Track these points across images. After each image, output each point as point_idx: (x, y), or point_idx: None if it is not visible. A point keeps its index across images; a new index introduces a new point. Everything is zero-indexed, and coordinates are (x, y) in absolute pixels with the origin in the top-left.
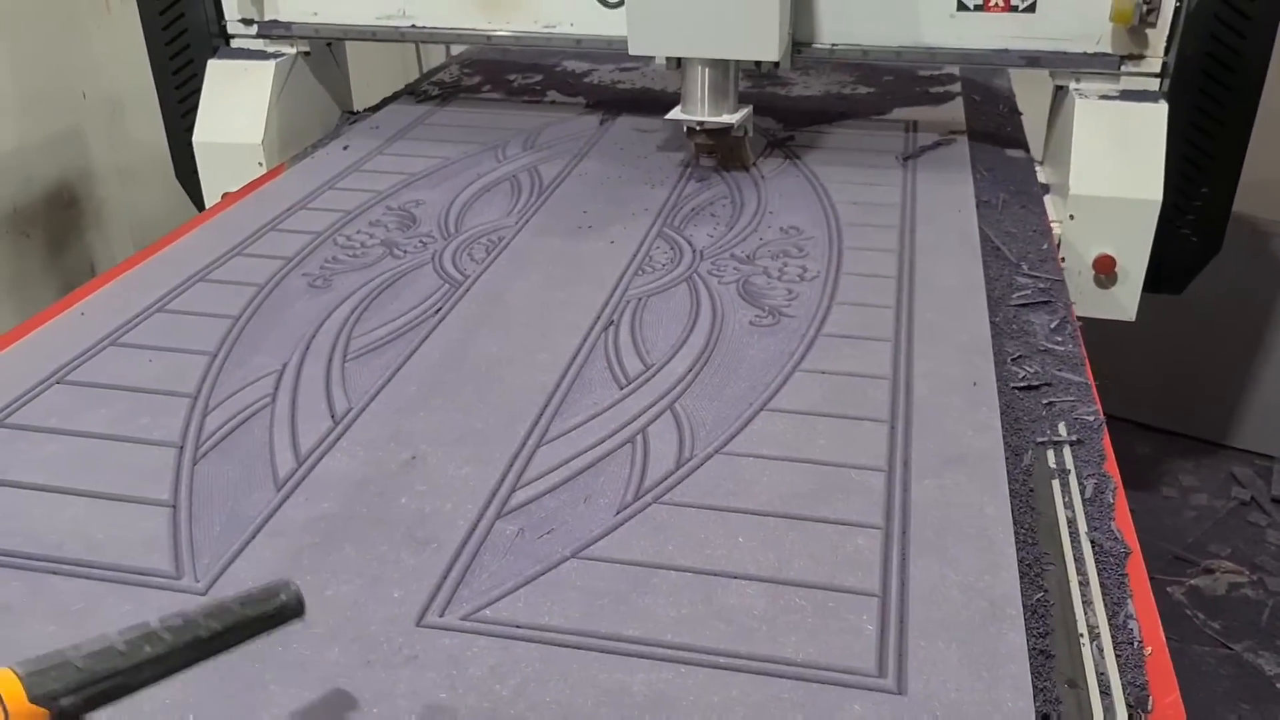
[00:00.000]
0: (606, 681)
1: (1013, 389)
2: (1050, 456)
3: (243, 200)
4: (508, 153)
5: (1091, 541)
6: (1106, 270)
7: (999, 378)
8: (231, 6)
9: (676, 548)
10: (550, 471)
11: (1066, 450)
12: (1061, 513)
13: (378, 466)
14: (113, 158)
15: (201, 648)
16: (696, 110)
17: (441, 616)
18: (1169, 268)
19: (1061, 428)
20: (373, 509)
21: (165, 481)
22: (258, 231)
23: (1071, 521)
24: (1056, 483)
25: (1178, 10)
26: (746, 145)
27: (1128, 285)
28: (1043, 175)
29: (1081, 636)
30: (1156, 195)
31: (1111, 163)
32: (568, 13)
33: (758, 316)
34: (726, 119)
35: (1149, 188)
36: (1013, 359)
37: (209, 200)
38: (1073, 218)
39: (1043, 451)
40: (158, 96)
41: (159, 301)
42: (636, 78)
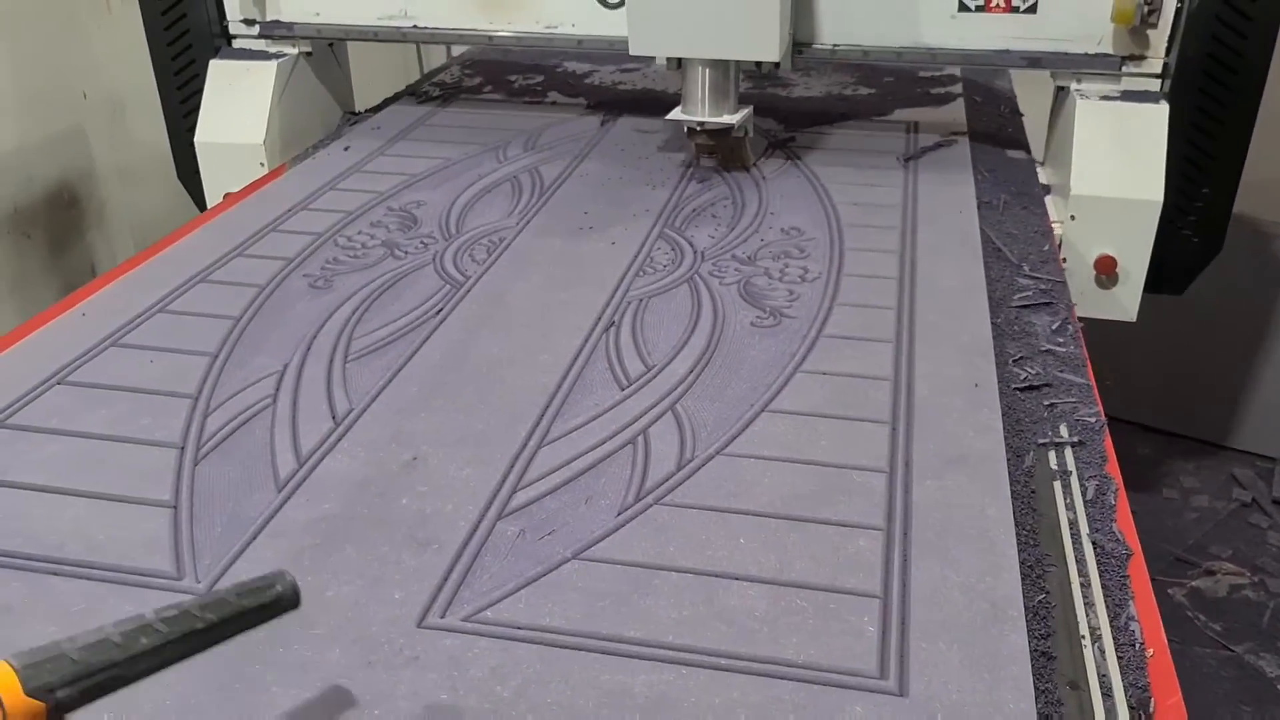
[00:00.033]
0: (608, 683)
1: (1014, 390)
2: (1052, 458)
3: (243, 201)
4: (509, 154)
5: (1093, 543)
6: (1107, 271)
7: (1000, 379)
8: (233, 7)
9: (678, 549)
10: (551, 472)
11: (1068, 452)
12: (1063, 514)
13: (379, 467)
14: (113, 158)
15: (198, 639)
16: (697, 111)
17: (443, 618)
18: (1170, 268)
19: (1063, 429)
20: (374, 510)
21: (166, 482)
22: (259, 232)
23: (1073, 523)
24: (1058, 484)
25: (1179, 11)
26: (747, 146)
27: (1129, 286)
28: (1044, 176)
29: (1083, 638)
30: (1157, 196)
31: (1112, 163)
32: (569, 13)
33: (759, 317)
34: (727, 119)
35: (1150, 188)
36: (1014, 360)
37: (211, 200)
38: (1074, 218)
39: (1044, 453)
40: (159, 96)
41: (160, 302)
42: (637, 78)
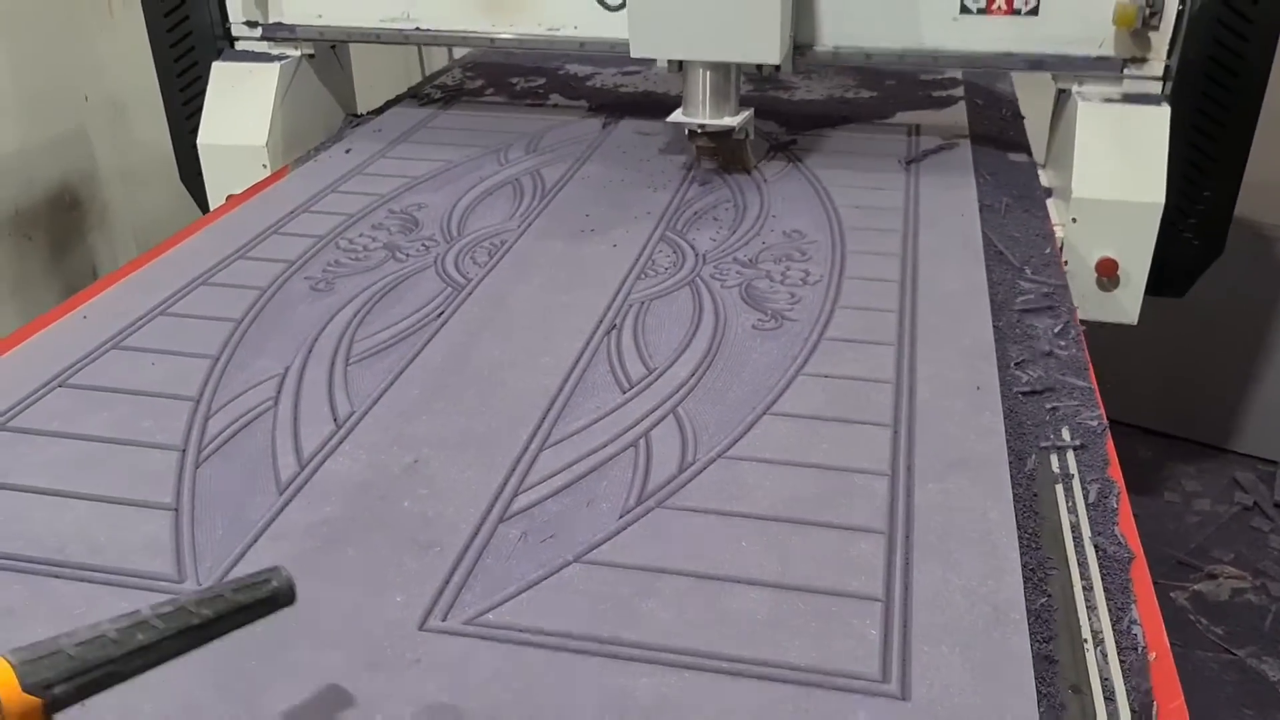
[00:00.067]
0: (609, 686)
1: (1016, 393)
2: (1054, 461)
3: (245, 204)
4: (510, 156)
5: (1095, 546)
6: (1109, 273)
7: (1002, 382)
8: (236, 9)
9: (679, 552)
10: (553, 475)
11: (1070, 455)
12: (1065, 517)
13: (380, 470)
14: (115, 160)
15: (194, 635)
16: (698, 113)
17: (444, 621)
18: (1171, 271)
19: (1065, 432)
20: (375, 513)
21: (167, 485)
22: (260, 235)
23: (1075, 526)
24: (1060, 487)
25: (1180, 14)
26: (748, 148)
27: (1130, 288)
28: (1045, 179)
29: (1085, 642)
30: (1159, 198)
31: (1114, 166)
32: (571, 15)
33: (760, 320)
34: (728, 122)
35: (1151, 191)
36: (1016, 363)
37: (213, 202)
38: (1075, 221)
39: (1046, 456)
40: (162, 99)
41: (161, 304)
42: (639, 81)
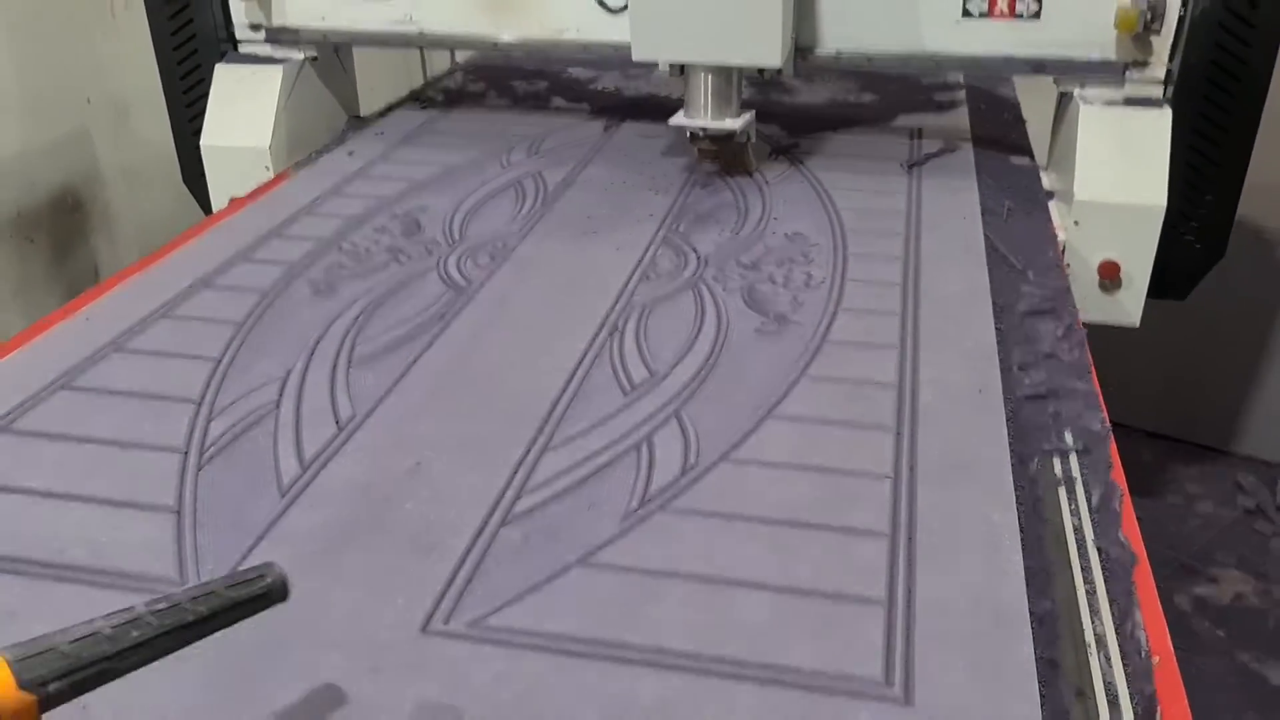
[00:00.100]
0: (612, 690)
1: (1019, 397)
2: (1056, 464)
3: (247, 207)
4: (512, 159)
5: (1098, 550)
6: (1111, 276)
7: (1004, 385)
8: (240, 12)
9: (682, 555)
10: (555, 478)
11: (1072, 458)
12: (1068, 521)
13: (382, 473)
14: (117, 162)
15: (188, 632)
16: (699, 116)
17: (446, 624)
18: (1173, 274)
19: (1068, 436)
20: (377, 515)
21: (169, 487)
22: (262, 238)
23: (1078, 530)
24: (1063, 491)
25: (1182, 18)
26: (749, 151)
27: (1132, 291)
28: (1047, 182)
29: (1089, 646)
30: (1161, 201)
31: (1116, 169)
32: (574, 18)
33: (763, 323)
34: (729, 125)
35: (1153, 193)
36: (1018, 366)
37: (216, 204)
38: (1077, 224)
39: (1048, 459)
40: (165, 101)
41: (163, 307)
42: (641, 84)
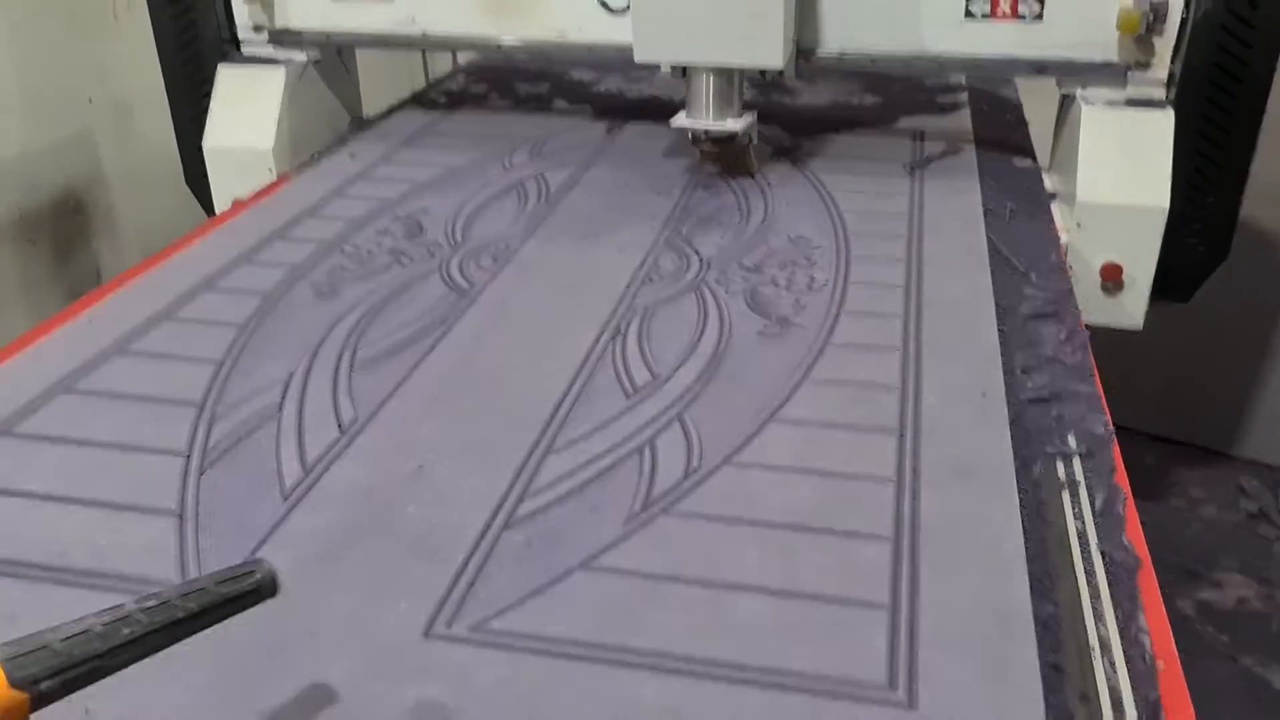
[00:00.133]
0: (615, 694)
1: (1021, 400)
2: (1059, 468)
3: (249, 209)
4: (514, 161)
5: (1102, 554)
6: (1113, 278)
7: (1008, 388)
8: (243, 13)
9: (685, 559)
10: (557, 482)
11: (1076, 462)
12: (1071, 525)
13: (384, 476)
14: (119, 164)
15: (178, 629)
16: (701, 117)
17: (449, 627)
18: (1176, 276)
19: (1071, 439)
20: (379, 519)
21: (171, 490)
22: (264, 240)
23: (1082, 534)
24: (1066, 494)
25: (1184, 20)
26: (751, 153)
27: (1135, 293)
28: (1049, 183)
29: (1093, 650)
30: (1163, 202)
31: (1118, 170)
32: (577, 19)
33: (765, 326)
34: (731, 126)
35: (1156, 195)
36: (1021, 369)
37: (219, 206)
38: (1080, 226)
39: (1052, 463)
40: (169, 102)
41: (166, 309)
42: (643, 86)
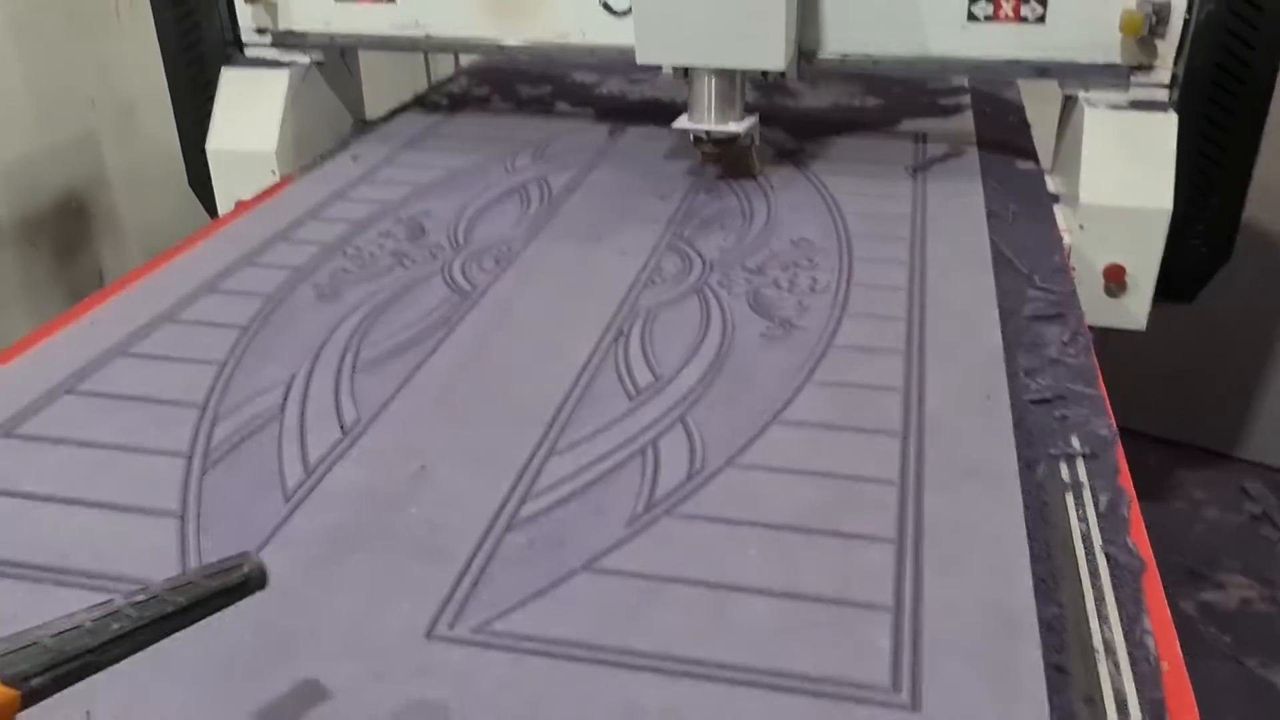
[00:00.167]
0: (617, 695)
1: (1025, 401)
2: (1063, 470)
3: (252, 211)
4: (517, 163)
5: (1106, 556)
6: (1116, 279)
7: (1011, 390)
8: (246, 16)
9: (687, 561)
10: (560, 483)
11: (1080, 463)
12: (1075, 527)
13: (387, 477)
14: (122, 165)
15: (168, 623)
16: (703, 119)
17: (451, 629)
18: (1179, 277)
19: (1074, 441)
20: (381, 520)
21: (173, 492)
22: (267, 242)
23: (1086, 536)
24: (1070, 496)
25: (1187, 22)
26: (753, 155)
27: (1138, 294)
28: (1052, 185)
29: (1097, 652)
30: (1166, 204)
31: (1121, 172)
32: (579, 21)
33: (768, 328)
34: (733, 128)
35: (1159, 197)
36: (1025, 371)
37: (222, 208)
38: (1082, 227)
39: (1055, 465)
40: (172, 105)
41: (168, 311)
42: (645, 88)
